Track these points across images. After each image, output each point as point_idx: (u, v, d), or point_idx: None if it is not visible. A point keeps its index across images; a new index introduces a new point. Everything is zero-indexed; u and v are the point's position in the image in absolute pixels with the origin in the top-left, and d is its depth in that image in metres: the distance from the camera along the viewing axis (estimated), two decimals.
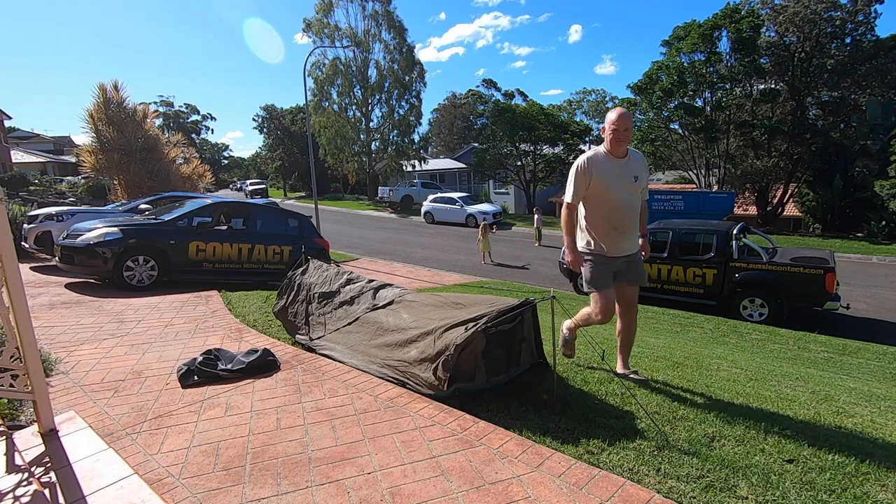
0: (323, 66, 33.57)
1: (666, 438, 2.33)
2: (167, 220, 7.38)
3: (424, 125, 40.17)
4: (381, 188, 33.38)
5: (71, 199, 20.35)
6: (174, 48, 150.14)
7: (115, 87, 13.86)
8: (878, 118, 19.60)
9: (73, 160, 26.11)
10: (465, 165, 35.11)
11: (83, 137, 17.78)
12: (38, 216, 8.88)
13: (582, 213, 3.04)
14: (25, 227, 8.74)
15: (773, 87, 22.36)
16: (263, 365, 3.30)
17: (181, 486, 2.00)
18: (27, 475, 2.07)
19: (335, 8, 32.74)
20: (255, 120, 51.55)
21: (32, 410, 2.48)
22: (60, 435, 2.39)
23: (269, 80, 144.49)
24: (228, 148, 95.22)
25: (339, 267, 4.61)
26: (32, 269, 8.26)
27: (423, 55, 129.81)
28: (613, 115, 2.90)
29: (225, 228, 7.89)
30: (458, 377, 2.70)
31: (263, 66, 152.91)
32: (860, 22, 20.74)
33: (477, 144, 34.14)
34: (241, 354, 3.40)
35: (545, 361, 3.24)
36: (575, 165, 2.96)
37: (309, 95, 28.25)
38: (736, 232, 8.45)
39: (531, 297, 3.12)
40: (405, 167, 34.87)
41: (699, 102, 22.98)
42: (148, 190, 13.55)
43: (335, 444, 2.31)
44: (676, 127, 24.13)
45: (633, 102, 25.06)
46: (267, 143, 52.96)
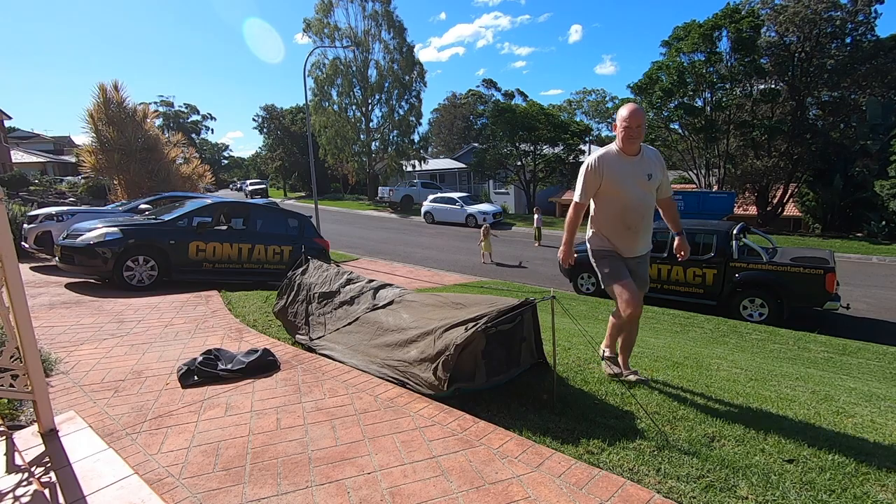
0: (323, 66, 33.62)
1: (666, 438, 2.33)
2: (167, 220, 7.39)
3: (424, 125, 40.27)
4: (381, 188, 33.36)
5: (71, 199, 20.35)
6: (174, 48, 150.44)
7: (115, 87, 13.88)
8: (878, 118, 19.59)
9: (73, 160, 26.11)
10: (465, 165, 35.09)
11: (83, 137, 17.81)
12: (38, 216, 8.88)
13: (595, 212, 2.99)
14: (25, 227, 8.74)
15: (773, 87, 22.34)
16: (263, 365, 3.30)
17: (181, 486, 2.00)
18: (27, 475, 2.07)
19: (335, 8, 32.81)
20: (255, 120, 51.66)
21: (32, 410, 2.48)
22: (60, 435, 2.39)
23: (269, 80, 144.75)
24: (228, 148, 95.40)
25: (339, 267, 4.61)
26: (32, 269, 8.26)
27: (423, 55, 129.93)
28: (625, 111, 2.79)
29: (225, 228, 7.89)
30: (458, 377, 2.70)
31: (263, 66, 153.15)
32: (860, 22, 20.74)
33: (477, 144, 34.13)
34: (241, 354, 3.40)
35: (545, 361, 3.24)
36: (585, 164, 2.88)
37: (309, 95, 28.28)
38: (736, 232, 8.44)
39: (531, 297, 3.12)
40: (405, 167, 34.88)
41: (699, 102, 22.96)
42: (148, 190, 13.56)
43: (335, 444, 2.31)
44: (676, 127, 24.11)
45: (632, 102, 25.03)
46: (267, 143, 52.97)
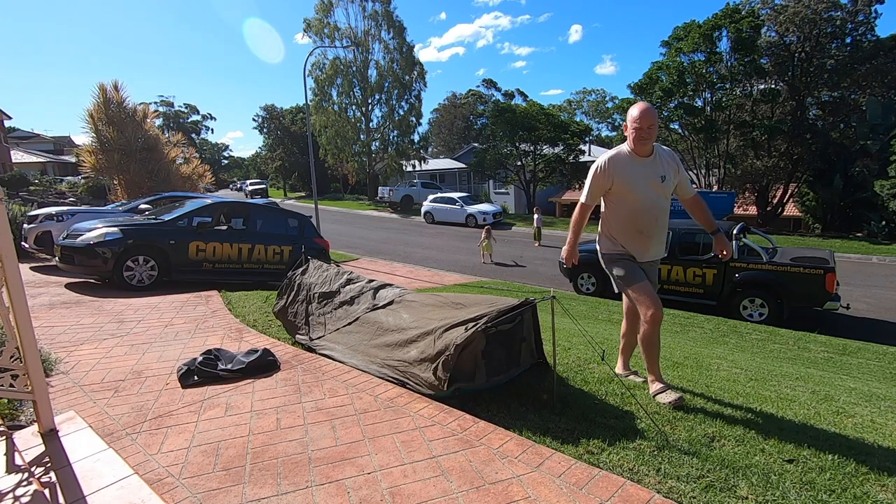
0: (323, 66, 33.63)
1: (666, 438, 2.33)
2: (167, 220, 7.39)
3: (424, 125, 40.32)
4: (381, 188, 33.36)
5: (71, 199, 20.35)
6: (174, 48, 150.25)
7: (115, 87, 13.88)
8: (878, 118, 19.60)
9: (73, 160, 26.10)
10: (465, 165, 35.09)
11: (83, 137, 17.81)
12: (38, 216, 8.89)
13: (605, 214, 2.91)
14: (25, 227, 8.74)
15: (773, 87, 22.34)
16: (263, 365, 3.30)
17: (181, 486, 1.99)
18: (27, 475, 2.07)
19: (335, 8, 32.84)
20: (255, 120, 51.67)
21: (32, 410, 2.48)
22: (60, 435, 2.39)
23: (269, 80, 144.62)
24: (228, 148, 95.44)
25: (339, 267, 4.61)
26: (32, 269, 8.26)
27: (423, 55, 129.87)
28: (635, 111, 2.67)
29: (225, 228, 7.89)
30: (458, 377, 2.69)
31: (263, 66, 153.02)
32: (860, 22, 20.75)
33: (477, 144, 34.12)
34: (241, 354, 3.40)
35: (545, 361, 3.23)
36: (595, 165, 2.80)
37: (309, 95, 28.25)
38: (736, 232, 8.44)
39: (531, 297, 3.12)
40: (405, 167, 34.87)
41: (699, 102, 22.96)
42: (148, 190, 13.56)
43: (335, 444, 2.31)
44: (676, 127, 24.10)
45: (632, 102, 25.00)
46: (267, 143, 52.98)
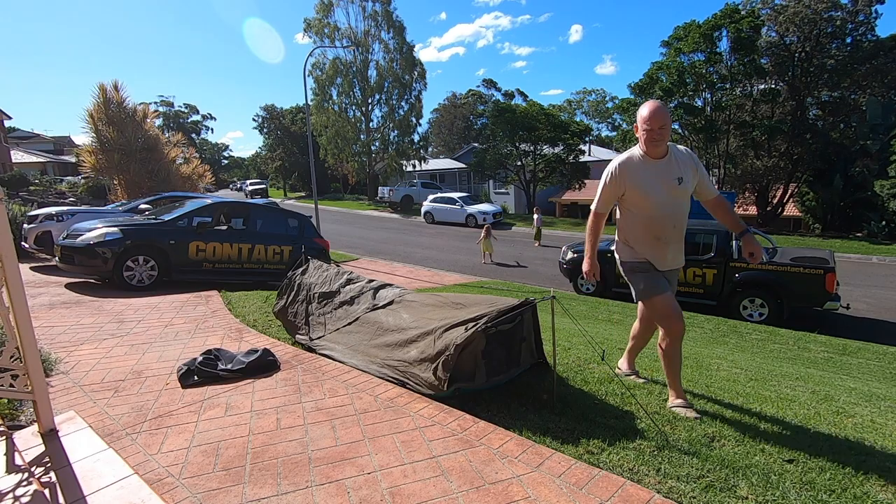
0: (323, 66, 33.63)
1: (666, 438, 2.33)
2: (167, 220, 7.39)
3: (424, 125, 40.32)
4: (381, 188, 33.38)
5: (71, 199, 20.35)
6: (174, 48, 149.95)
7: (115, 87, 13.88)
8: (878, 118, 19.60)
9: (73, 160, 26.10)
10: (465, 165, 35.09)
11: (83, 137, 17.81)
12: (38, 216, 8.89)
13: (621, 220, 2.77)
14: (25, 227, 8.74)
15: (773, 87, 22.35)
16: (263, 365, 3.30)
17: (181, 486, 1.99)
18: (27, 475, 2.07)
19: (335, 8, 32.86)
20: (255, 120, 51.70)
21: (32, 410, 2.48)
22: (60, 435, 2.39)
23: (269, 80, 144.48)
24: (228, 148, 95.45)
25: (339, 267, 4.61)
26: (32, 269, 8.26)
27: (423, 55, 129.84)
28: (645, 110, 2.50)
29: (225, 228, 7.89)
30: (458, 377, 2.69)
31: (263, 66, 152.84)
32: (860, 22, 20.76)
33: (477, 144, 34.13)
34: (241, 354, 3.40)
35: (545, 361, 3.23)
36: (606, 171, 2.66)
37: (309, 95, 28.19)
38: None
39: (531, 297, 3.12)
40: (405, 167, 34.89)
41: (699, 102, 22.97)
42: (148, 190, 13.56)
43: (335, 444, 2.31)
44: (676, 127, 24.08)
45: (633, 102, 25.05)
46: (267, 143, 52.99)
